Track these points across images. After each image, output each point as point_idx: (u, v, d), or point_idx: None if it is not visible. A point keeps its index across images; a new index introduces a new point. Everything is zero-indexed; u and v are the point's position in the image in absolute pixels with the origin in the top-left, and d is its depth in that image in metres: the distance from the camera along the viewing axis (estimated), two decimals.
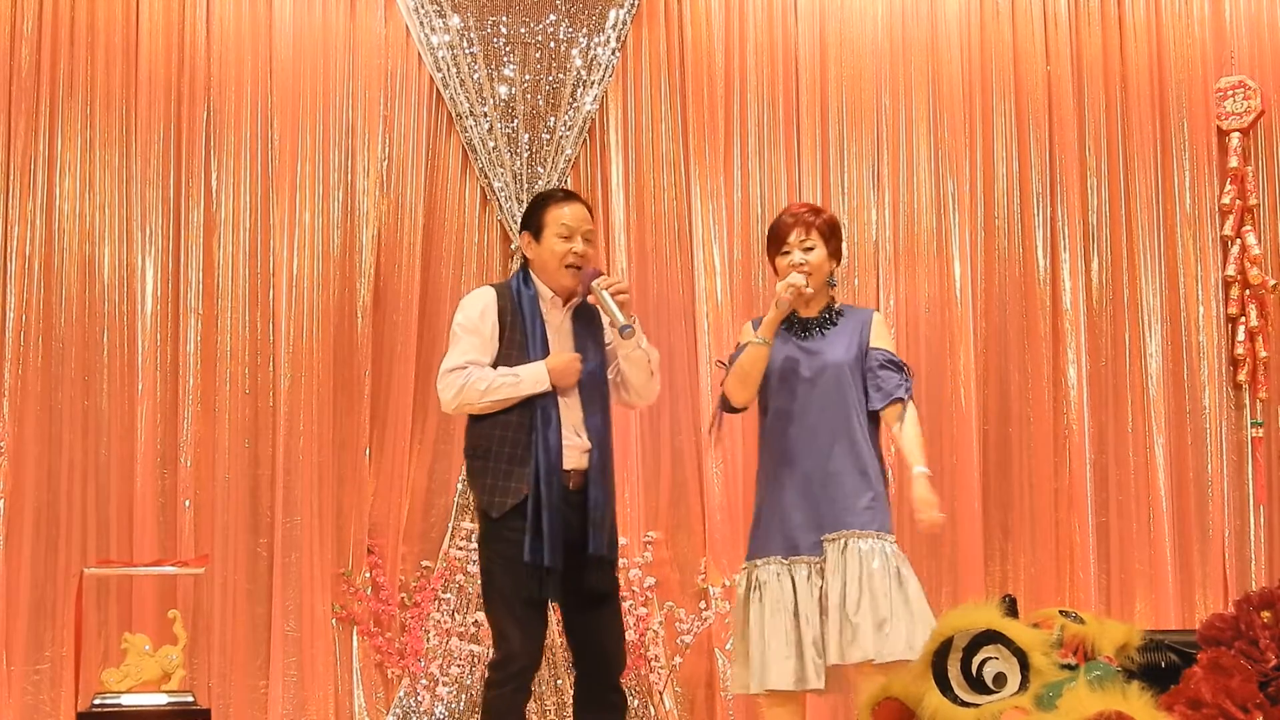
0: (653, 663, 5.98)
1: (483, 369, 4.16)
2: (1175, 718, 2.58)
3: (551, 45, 6.25)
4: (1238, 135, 6.57)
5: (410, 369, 6.08)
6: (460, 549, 5.98)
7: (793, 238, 4.22)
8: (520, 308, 4.20)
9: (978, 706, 2.76)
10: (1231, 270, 6.53)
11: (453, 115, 6.20)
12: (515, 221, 6.13)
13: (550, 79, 6.24)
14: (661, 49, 6.38)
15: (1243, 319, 6.51)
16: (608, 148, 6.31)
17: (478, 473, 4.19)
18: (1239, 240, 6.54)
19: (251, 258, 6.02)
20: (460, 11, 6.21)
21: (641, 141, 6.32)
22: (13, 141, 5.93)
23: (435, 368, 6.02)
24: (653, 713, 5.96)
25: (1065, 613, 2.95)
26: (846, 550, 4.03)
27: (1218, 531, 6.44)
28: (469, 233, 6.23)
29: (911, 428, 4.11)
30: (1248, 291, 6.51)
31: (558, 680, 5.89)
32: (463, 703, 5.88)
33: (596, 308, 4.24)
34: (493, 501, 4.11)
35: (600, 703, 4.23)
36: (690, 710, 6.05)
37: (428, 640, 5.91)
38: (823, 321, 4.24)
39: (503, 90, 6.21)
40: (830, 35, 6.48)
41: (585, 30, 6.26)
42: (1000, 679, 2.78)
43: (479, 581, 5.84)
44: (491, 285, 4.39)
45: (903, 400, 4.13)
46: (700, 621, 6.02)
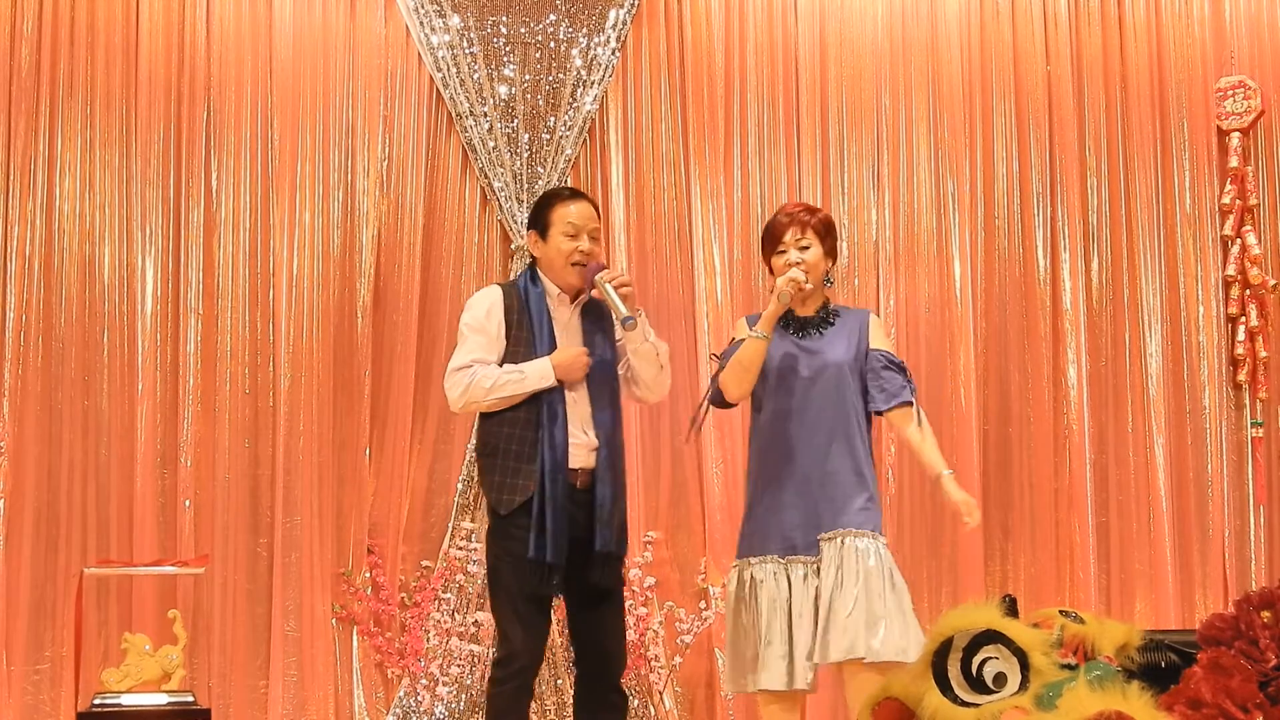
0: (653, 663, 5.98)
1: (488, 367, 4.16)
2: (1175, 718, 2.58)
3: (551, 45, 6.25)
4: (1238, 135, 6.56)
5: (410, 369, 6.08)
6: (460, 549, 5.98)
7: (788, 237, 4.21)
8: (527, 305, 4.22)
9: (978, 706, 2.75)
10: (1231, 270, 6.53)
11: (453, 115, 6.20)
12: (515, 221, 6.13)
13: (550, 79, 6.24)
14: (661, 49, 6.38)
15: (1243, 319, 6.51)
16: (608, 148, 6.31)
17: (486, 470, 4.21)
18: (1239, 240, 6.54)
19: (251, 258, 6.02)
20: (460, 11, 6.21)
21: (641, 141, 6.32)
22: (13, 141, 5.93)
23: (435, 368, 6.10)
24: (653, 713, 5.96)
25: (1065, 613, 2.95)
26: (844, 548, 4.03)
27: (1218, 531, 6.44)
28: (469, 233, 6.23)
29: (927, 431, 4.15)
30: (1248, 291, 6.51)
31: (558, 680, 5.89)
32: (463, 703, 5.88)
33: (605, 305, 4.24)
34: (501, 499, 4.13)
35: (601, 703, 4.24)
36: (690, 710, 6.05)
37: (428, 640, 5.91)
38: (820, 321, 4.24)
39: (503, 90, 6.21)
40: (830, 35, 6.48)
41: (585, 30, 6.26)
42: (1000, 679, 2.77)
43: (483, 579, 5.95)
44: (498, 284, 4.41)
45: (911, 403, 4.15)
46: (700, 621, 6.02)
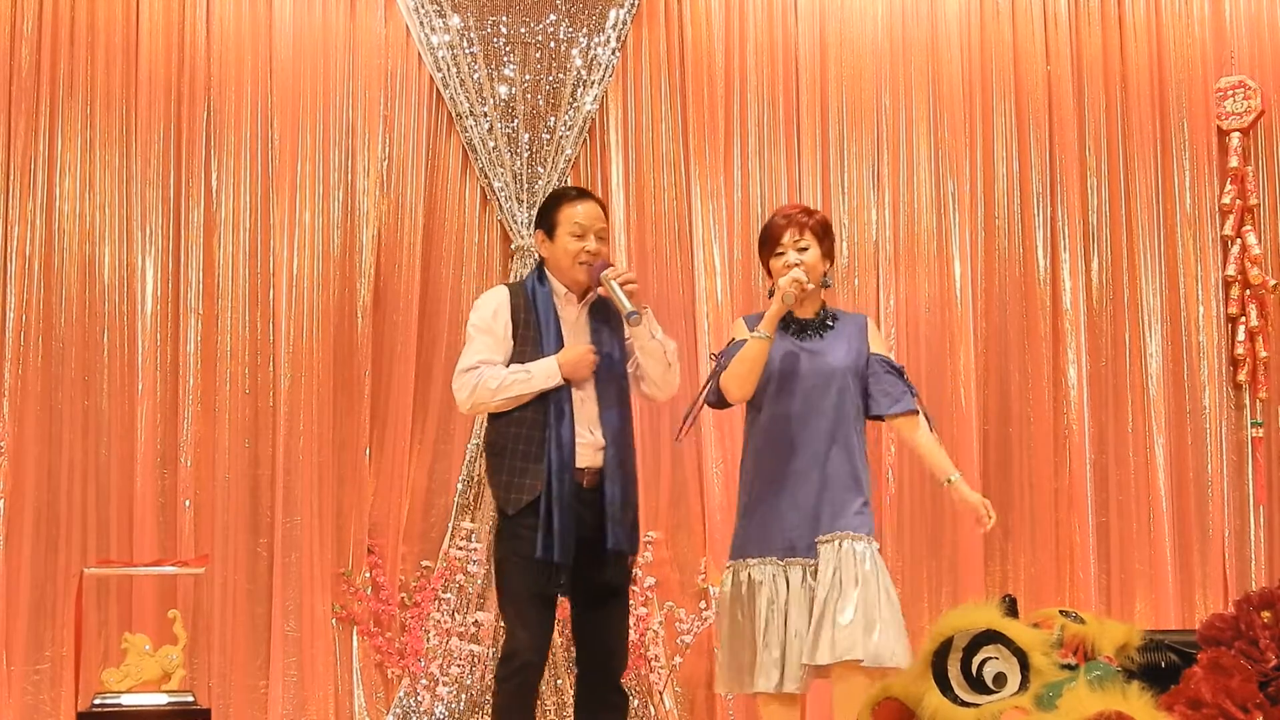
0: (653, 663, 5.98)
1: (495, 367, 4.18)
2: (1175, 718, 2.58)
3: (551, 45, 6.25)
4: (1238, 135, 6.57)
5: (410, 369, 6.08)
6: (460, 549, 5.98)
7: (786, 238, 4.22)
8: (534, 305, 4.23)
9: (978, 706, 2.75)
10: (1231, 270, 6.54)
11: (453, 115, 6.20)
12: (515, 221, 6.13)
13: (550, 79, 6.24)
14: (661, 49, 6.38)
15: (1243, 319, 6.51)
16: (608, 148, 6.31)
17: (494, 469, 4.24)
18: (1239, 240, 6.54)
19: (251, 258, 6.02)
20: (460, 11, 6.21)
21: (641, 141, 6.32)
22: (13, 141, 5.93)
23: (435, 368, 6.11)
24: (653, 713, 5.96)
25: (1065, 613, 2.95)
26: (841, 550, 4.04)
27: (1218, 531, 6.44)
28: (469, 233, 6.23)
29: (932, 437, 4.26)
30: (1248, 291, 6.51)
31: (558, 680, 5.89)
32: (463, 703, 5.88)
33: (613, 304, 4.24)
34: (508, 498, 4.16)
35: (602, 702, 4.26)
36: (690, 710, 6.05)
37: (428, 640, 5.91)
38: (820, 323, 4.25)
39: (503, 90, 6.21)
40: (830, 35, 6.48)
41: (585, 30, 6.26)
42: (1000, 679, 2.77)
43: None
44: (505, 284, 4.43)
45: (917, 411, 4.22)
46: (700, 621, 6.02)
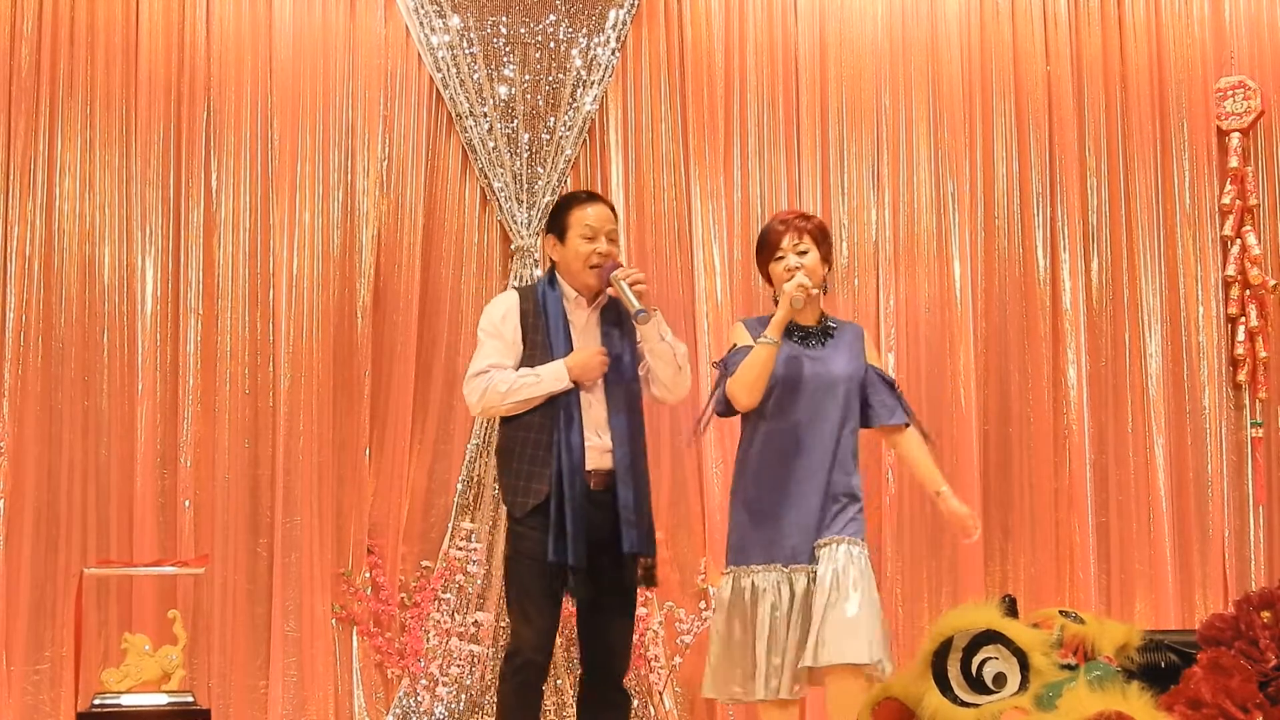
0: (653, 663, 5.98)
1: (504, 371, 4.21)
2: (1175, 718, 2.59)
3: (551, 45, 6.25)
4: (1238, 135, 6.56)
5: (410, 369, 6.08)
6: (460, 549, 5.99)
7: (785, 243, 4.22)
8: (544, 309, 4.25)
9: (978, 706, 2.76)
10: (1231, 270, 6.53)
11: (453, 115, 6.20)
12: (515, 221, 6.13)
13: (550, 79, 6.24)
14: (661, 49, 6.38)
15: (1243, 319, 6.51)
16: (608, 148, 6.31)
17: (502, 473, 4.29)
18: (1239, 240, 6.54)
19: (251, 258, 6.02)
20: (460, 12, 6.21)
21: (641, 141, 6.32)
22: (13, 141, 5.93)
23: (435, 368, 6.12)
24: (653, 713, 5.96)
25: (1065, 613, 2.96)
26: (838, 553, 4.07)
27: (1218, 531, 6.44)
28: (469, 233, 6.23)
29: (924, 449, 4.31)
30: (1248, 291, 6.51)
31: (557, 680, 5.88)
32: (463, 703, 5.88)
33: (624, 306, 4.25)
34: (515, 502, 4.21)
35: (604, 701, 4.30)
36: (690, 710, 6.05)
37: (428, 640, 5.91)
38: (822, 331, 4.27)
39: (503, 90, 6.21)
40: (830, 35, 6.48)
41: (585, 30, 6.26)
42: (1000, 679, 2.78)
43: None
44: (516, 288, 4.45)
45: (908, 424, 4.29)
46: (700, 621, 6.02)
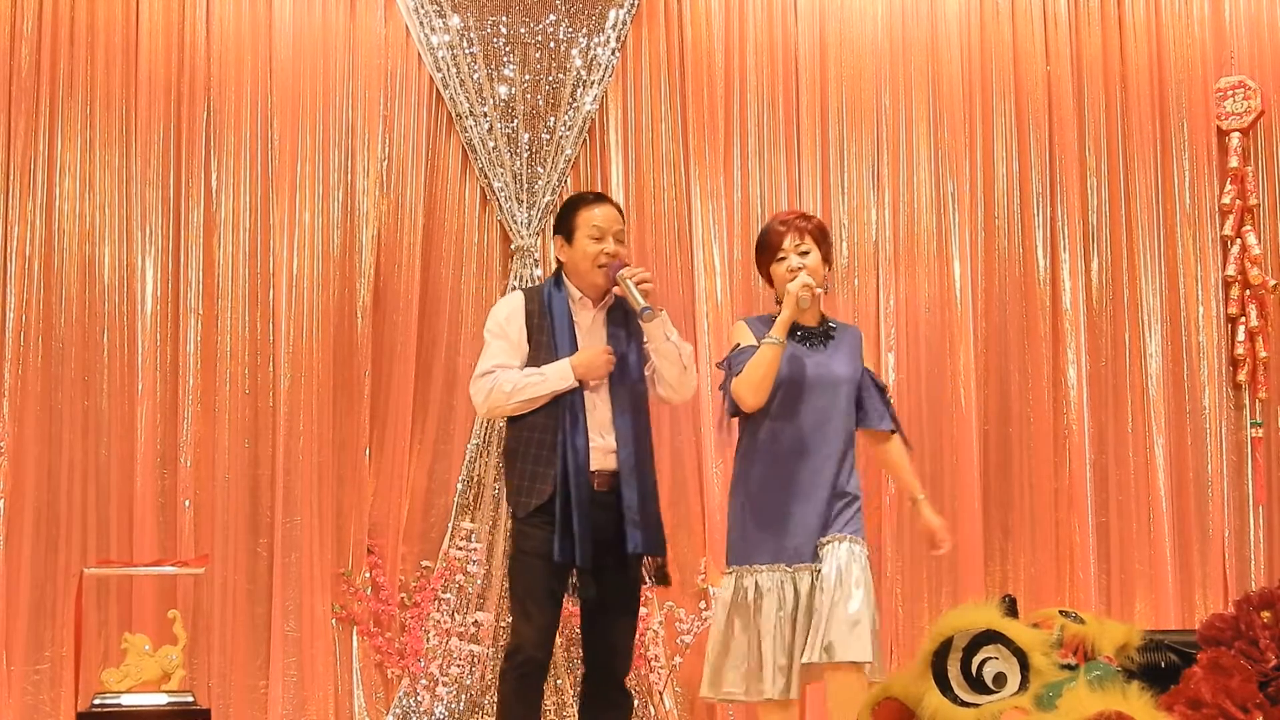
0: (653, 663, 5.98)
1: (510, 371, 4.23)
2: (1175, 718, 2.59)
3: (551, 45, 6.25)
4: (1238, 135, 6.56)
5: (410, 369, 6.08)
6: (460, 549, 5.99)
7: (787, 244, 4.22)
8: (549, 309, 4.27)
9: (978, 706, 2.76)
10: (1231, 270, 6.53)
11: (453, 115, 6.20)
12: (515, 221, 6.13)
13: (550, 79, 6.24)
14: (661, 49, 6.38)
15: (1243, 319, 6.51)
16: (608, 148, 6.31)
17: (507, 473, 4.33)
18: (1239, 240, 6.54)
19: (251, 258, 6.02)
20: (460, 11, 6.21)
21: (641, 141, 6.32)
22: (13, 141, 5.93)
23: (435, 368, 6.12)
24: (653, 713, 5.96)
25: (1065, 613, 2.96)
26: (840, 550, 4.08)
27: (1218, 531, 6.44)
28: (469, 233, 6.23)
29: (905, 457, 4.40)
30: (1248, 291, 6.51)
31: (558, 680, 5.88)
32: (463, 703, 5.88)
33: (630, 306, 4.24)
34: (518, 501, 4.23)
35: (605, 700, 4.32)
36: (690, 710, 6.05)
37: (428, 640, 5.91)
38: (823, 332, 4.28)
39: (503, 90, 6.21)
40: (830, 35, 6.48)
41: (585, 30, 6.26)
42: (1000, 679, 2.78)
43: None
44: (521, 289, 4.48)
45: (895, 430, 4.35)
46: (700, 621, 6.01)
